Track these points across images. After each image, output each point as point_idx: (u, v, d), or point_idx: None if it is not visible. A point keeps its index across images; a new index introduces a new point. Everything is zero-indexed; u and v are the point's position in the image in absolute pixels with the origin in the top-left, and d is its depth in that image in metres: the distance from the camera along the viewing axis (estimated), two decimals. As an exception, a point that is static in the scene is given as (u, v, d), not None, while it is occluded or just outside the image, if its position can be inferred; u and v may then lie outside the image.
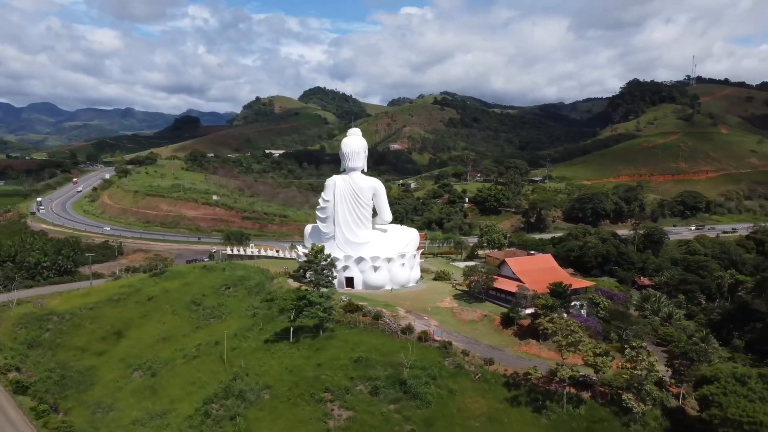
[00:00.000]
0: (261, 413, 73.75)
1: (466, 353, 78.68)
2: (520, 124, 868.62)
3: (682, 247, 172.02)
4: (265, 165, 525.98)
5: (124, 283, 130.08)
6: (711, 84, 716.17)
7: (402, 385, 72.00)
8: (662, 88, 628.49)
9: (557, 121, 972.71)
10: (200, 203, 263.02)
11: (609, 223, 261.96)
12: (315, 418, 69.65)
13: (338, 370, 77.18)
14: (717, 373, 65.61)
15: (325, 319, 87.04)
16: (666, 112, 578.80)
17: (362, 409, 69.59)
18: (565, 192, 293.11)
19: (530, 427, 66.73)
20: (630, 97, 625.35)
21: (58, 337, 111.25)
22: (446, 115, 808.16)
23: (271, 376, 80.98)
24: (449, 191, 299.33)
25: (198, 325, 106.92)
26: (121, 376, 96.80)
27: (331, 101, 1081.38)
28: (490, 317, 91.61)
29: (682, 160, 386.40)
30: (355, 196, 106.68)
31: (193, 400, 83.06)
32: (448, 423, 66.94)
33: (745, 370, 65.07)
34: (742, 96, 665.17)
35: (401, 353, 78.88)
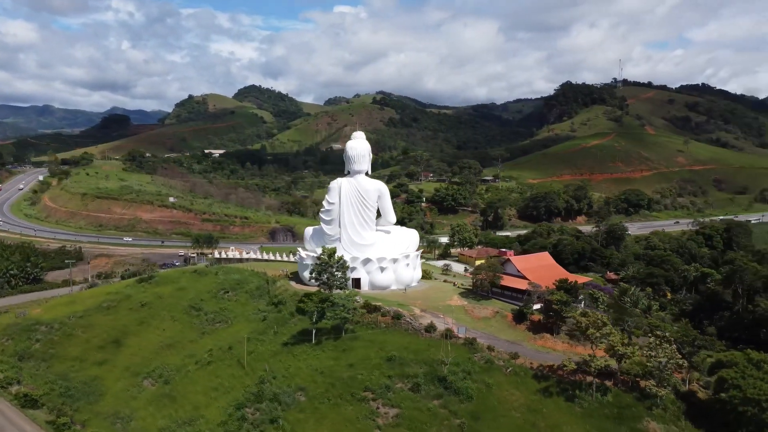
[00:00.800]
0: (302, 415, 74.87)
1: (491, 348, 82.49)
2: (457, 124, 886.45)
3: (641, 242, 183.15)
4: (206, 165, 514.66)
5: (111, 290, 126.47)
6: (635, 87, 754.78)
7: (441, 381, 74.92)
8: (593, 91, 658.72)
9: (490, 121, 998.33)
10: (156, 205, 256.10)
11: (560, 220, 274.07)
12: (362, 417, 71.53)
13: (373, 370, 79.22)
14: (732, 358, 72.29)
15: (347, 320, 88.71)
16: (597, 114, 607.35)
17: (407, 405, 72.08)
18: (517, 191, 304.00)
19: (566, 416, 71.16)
20: (564, 99, 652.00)
21: (51, 348, 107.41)
22: (386, 115, 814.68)
23: (302, 378, 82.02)
24: (405, 191, 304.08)
25: (203, 330, 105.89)
26: (131, 385, 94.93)
27: (267, 100, 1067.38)
28: (502, 314, 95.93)
29: (619, 160, 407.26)
30: (360, 198, 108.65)
31: (219, 405, 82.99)
32: (492, 415, 70.43)
33: (759, 355, 71.97)
34: (664, 98, 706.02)
35: (430, 350, 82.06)
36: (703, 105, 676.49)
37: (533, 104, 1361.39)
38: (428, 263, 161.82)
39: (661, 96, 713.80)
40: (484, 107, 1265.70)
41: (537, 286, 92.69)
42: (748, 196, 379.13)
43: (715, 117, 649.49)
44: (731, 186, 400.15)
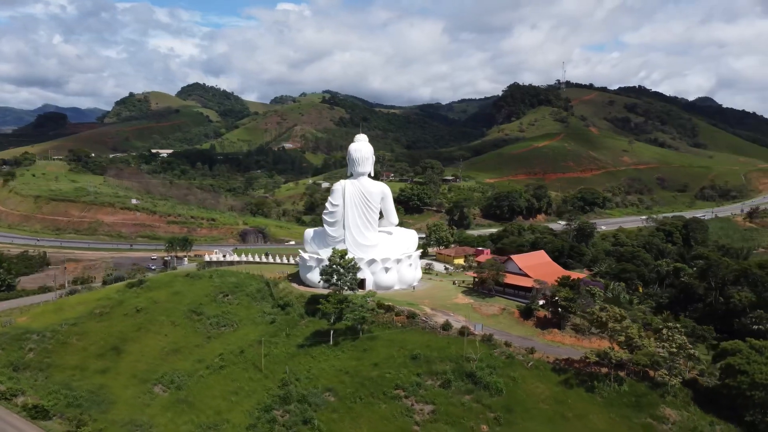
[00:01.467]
0: (335, 415, 76.16)
1: (508, 344, 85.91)
2: (406, 124, 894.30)
3: (608, 239, 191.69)
4: (154, 165, 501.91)
5: (100, 296, 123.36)
6: (578, 88, 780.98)
7: (470, 377, 77.70)
8: (539, 92, 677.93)
9: (437, 121, 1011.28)
10: (117, 208, 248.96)
11: (522, 218, 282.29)
12: (398, 414, 73.51)
13: (400, 368, 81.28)
14: (736, 346, 78.13)
15: (365, 321, 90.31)
16: (544, 114, 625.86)
17: (441, 401, 74.53)
18: (479, 191, 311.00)
19: (590, 405, 75.21)
20: (511, 100, 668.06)
21: (46, 357, 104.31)
22: (336, 115, 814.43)
23: (327, 379, 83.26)
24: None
25: (209, 335, 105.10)
26: (141, 392, 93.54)
27: (212, 98, 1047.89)
28: (509, 310, 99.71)
29: (570, 160, 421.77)
30: (364, 200, 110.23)
31: (242, 409, 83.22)
32: (523, 408, 73.73)
33: (760, 343, 78.11)
34: (605, 100, 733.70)
35: (451, 348, 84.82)
36: (641, 107, 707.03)
37: (477, 104, 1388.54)
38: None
39: (602, 97, 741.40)
40: (430, 107, 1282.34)
41: (543, 284, 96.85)
42: (688, 194, 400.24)
43: (652, 118, 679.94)
44: (673, 184, 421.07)
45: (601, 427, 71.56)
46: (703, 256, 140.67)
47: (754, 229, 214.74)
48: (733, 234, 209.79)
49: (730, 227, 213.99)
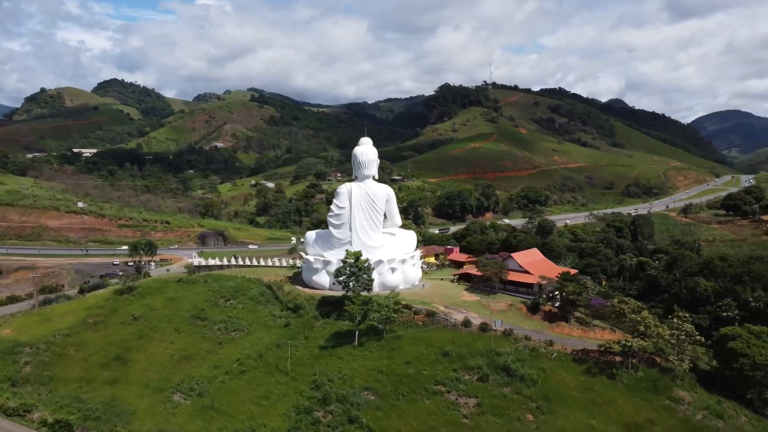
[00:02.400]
0: (380, 413, 78.30)
1: (528, 338, 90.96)
2: (336, 123, 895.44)
3: (566, 235, 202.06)
4: (79, 166, 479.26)
5: (89, 305, 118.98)
6: (503, 89, 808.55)
7: (504, 370, 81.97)
8: (470, 92, 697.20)
9: (366, 121, 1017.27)
10: (63, 212, 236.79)
11: (471, 217, 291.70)
12: (445, 408, 76.68)
13: (434, 365, 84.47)
14: (736, 332, 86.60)
15: (389, 320, 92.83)
16: (475, 115, 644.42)
17: (483, 394, 78.33)
18: (428, 190, 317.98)
19: (614, 391, 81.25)
20: (443, 100, 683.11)
21: (45, 370, 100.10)
22: (266, 113, 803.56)
23: (362, 379, 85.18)
24: (321, 191, 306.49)
25: (219, 340, 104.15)
26: (160, 401, 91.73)
27: (131, 95, 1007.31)
28: (516, 306, 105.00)
29: (506, 159, 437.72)
30: (370, 202, 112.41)
31: (278, 413, 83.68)
32: (559, 396, 78.77)
33: (758, 328, 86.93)
34: (530, 101, 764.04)
35: (477, 343, 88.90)
36: (564, 108, 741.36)
37: (403, 104, 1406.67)
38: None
39: (526, 99, 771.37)
40: (357, 106, 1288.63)
41: (551, 280, 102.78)
42: (615, 191, 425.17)
43: (575, 119, 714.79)
44: (600, 182, 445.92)
45: (629, 411, 77.68)
46: (664, 250, 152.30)
47: (691, 224, 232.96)
48: (673, 229, 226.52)
49: (669, 223, 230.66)
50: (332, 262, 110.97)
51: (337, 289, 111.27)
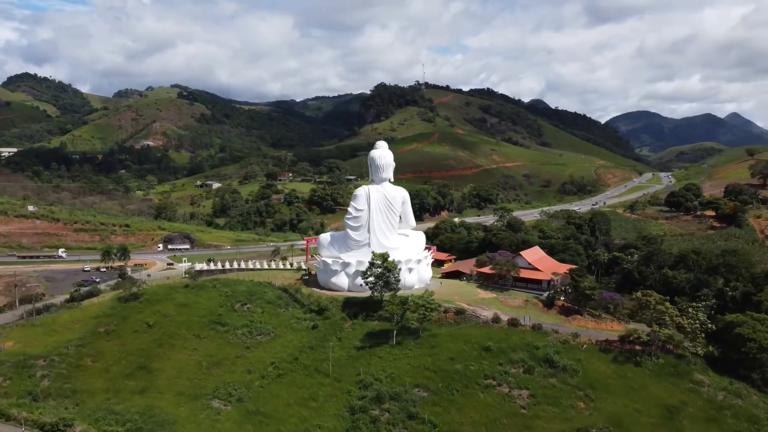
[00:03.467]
0: (438, 408, 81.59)
1: (555, 331, 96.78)
2: (269, 121, 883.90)
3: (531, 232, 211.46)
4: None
5: (94, 313, 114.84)
6: (435, 89, 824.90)
7: (547, 362, 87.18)
8: (405, 92, 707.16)
9: (296, 119, 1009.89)
10: (11, 216, 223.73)
11: (429, 215, 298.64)
12: (501, 401, 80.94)
13: (479, 360, 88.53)
14: (741, 319, 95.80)
15: (425, 319, 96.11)
16: (412, 114, 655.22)
17: (533, 386, 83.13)
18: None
19: (644, 378, 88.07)
20: (380, 99, 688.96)
21: (65, 383, 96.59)
22: (196, 111, 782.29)
23: (410, 377, 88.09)
24: (276, 191, 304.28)
25: (246, 345, 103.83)
26: (198, 408, 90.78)
27: (45, 90, 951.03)
28: (531, 301, 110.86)
29: (450, 158, 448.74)
30: (388, 204, 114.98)
31: (330, 414, 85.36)
32: (601, 384, 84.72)
33: (760, 315, 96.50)
34: (462, 101, 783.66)
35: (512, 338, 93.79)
36: (494, 108, 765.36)
37: (332, 102, 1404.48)
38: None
39: (458, 99, 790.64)
40: (285, 104, 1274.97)
41: (564, 276, 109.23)
42: (552, 189, 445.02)
43: (505, 119, 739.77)
44: (538, 181, 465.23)
45: (662, 395, 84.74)
46: (634, 245, 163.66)
47: (640, 220, 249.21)
48: (625, 225, 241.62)
49: (619, 219, 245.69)
50: (351, 264, 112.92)
51: (356, 290, 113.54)
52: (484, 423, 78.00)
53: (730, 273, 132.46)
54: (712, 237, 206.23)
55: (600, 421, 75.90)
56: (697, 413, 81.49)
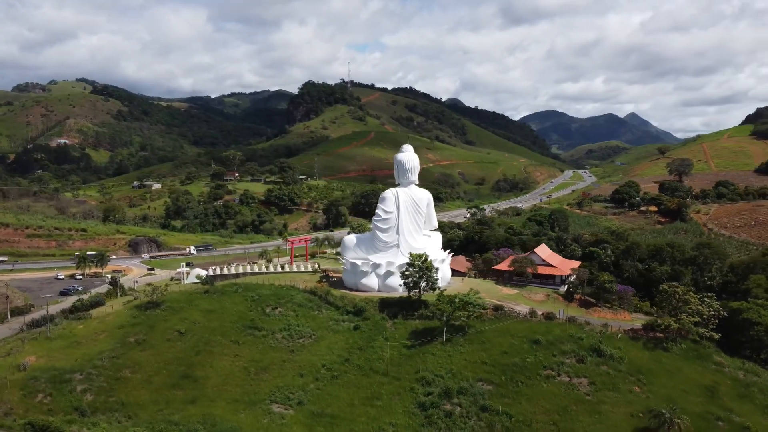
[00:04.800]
0: (506, 399, 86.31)
1: (588, 323, 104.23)
2: (189, 118, 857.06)
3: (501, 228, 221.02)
4: None
5: (119, 323, 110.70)
6: (361, 88, 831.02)
7: (595, 352, 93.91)
8: (335, 90, 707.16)
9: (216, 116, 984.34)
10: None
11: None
12: (565, 389, 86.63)
13: (534, 353, 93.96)
14: (744, 306, 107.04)
15: (472, 317, 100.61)
16: (342, 113, 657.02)
17: (590, 374, 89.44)
18: (338, 189, 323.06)
19: (676, 361, 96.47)
20: (309, 97, 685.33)
21: (109, 396, 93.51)
22: (113, 107, 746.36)
23: (471, 371, 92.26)
24: (228, 191, 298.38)
25: (290, 348, 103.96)
26: (260, 414, 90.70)
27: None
28: (552, 296, 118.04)
29: (390, 157, 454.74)
30: (415, 206, 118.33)
31: (399, 411, 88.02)
32: (646, 370, 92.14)
33: (761, 302, 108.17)
34: (388, 100, 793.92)
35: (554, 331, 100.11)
36: (420, 107, 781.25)
37: (249, 99, 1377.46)
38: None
39: (385, 98, 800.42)
40: (199, 99, 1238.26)
41: (583, 272, 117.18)
42: (486, 186, 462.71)
43: (431, 118, 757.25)
44: (472, 179, 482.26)
45: (696, 377, 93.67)
46: (606, 240, 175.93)
47: (591, 216, 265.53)
48: (579, 221, 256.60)
49: (572, 215, 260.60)
50: (382, 265, 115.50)
51: (386, 290, 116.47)
52: (556, 411, 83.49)
53: (705, 264, 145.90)
54: (662, 231, 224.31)
55: (659, 403, 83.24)
56: (729, 391, 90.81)
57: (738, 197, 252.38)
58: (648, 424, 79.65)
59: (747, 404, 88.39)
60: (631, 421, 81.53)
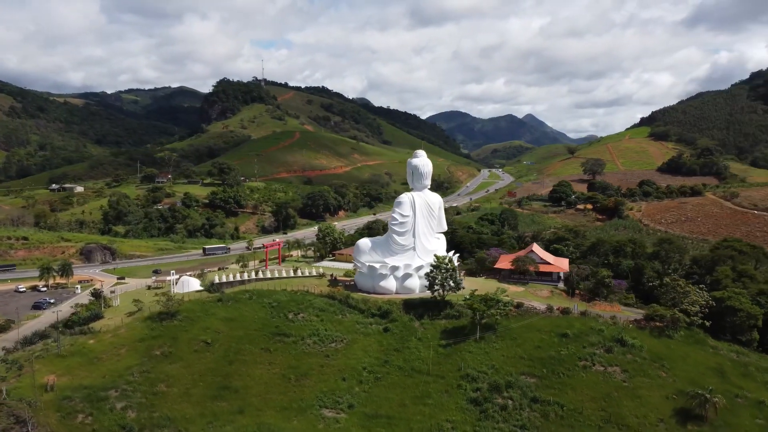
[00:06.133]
0: (552, 390, 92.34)
1: (600, 316, 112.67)
2: (89, 116, 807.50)
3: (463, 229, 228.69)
4: None
5: (136, 336, 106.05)
6: (275, 86, 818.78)
7: (618, 342, 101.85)
8: (251, 89, 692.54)
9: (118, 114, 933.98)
10: None
11: (329, 215, 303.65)
12: (603, 378, 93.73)
13: (565, 345, 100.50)
14: (726, 294, 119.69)
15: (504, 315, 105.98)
16: (261, 112, 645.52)
17: (620, 362, 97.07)
18: (281, 191, 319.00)
19: (681, 347, 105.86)
20: (224, 96, 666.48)
21: (152, 412, 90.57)
22: (4, 103, 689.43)
23: (511, 366, 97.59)
24: (168, 194, 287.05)
25: (325, 353, 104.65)
26: (313, 419, 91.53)
27: None
28: (555, 291, 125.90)
29: (321, 158, 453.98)
30: (429, 209, 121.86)
31: (452, 408, 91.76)
32: (664, 356, 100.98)
33: (740, 290, 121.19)
34: (303, 99, 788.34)
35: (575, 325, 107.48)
36: (336, 107, 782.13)
37: (149, 95, 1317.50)
38: (316, 265, 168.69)
39: (300, 97, 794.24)
40: (94, 95, 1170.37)
41: (584, 269, 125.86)
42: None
43: (347, 118, 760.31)
44: (398, 178, 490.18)
45: (702, 360, 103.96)
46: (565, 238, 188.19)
47: (534, 215, 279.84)
48: (524, 219, 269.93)
49: (517, 214, 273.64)
50: (400, 267, 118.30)
51: (403, 292, 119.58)
52: (601, 398, 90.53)
53: (667, 258, 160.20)
54: (604, 228, 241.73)
55: (685, 385, 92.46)
56: (732, 371, 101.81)
57: (663, 195, 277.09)
58: (686, 404, 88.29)
59: (750, 382, 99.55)
60: (668, 403, 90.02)
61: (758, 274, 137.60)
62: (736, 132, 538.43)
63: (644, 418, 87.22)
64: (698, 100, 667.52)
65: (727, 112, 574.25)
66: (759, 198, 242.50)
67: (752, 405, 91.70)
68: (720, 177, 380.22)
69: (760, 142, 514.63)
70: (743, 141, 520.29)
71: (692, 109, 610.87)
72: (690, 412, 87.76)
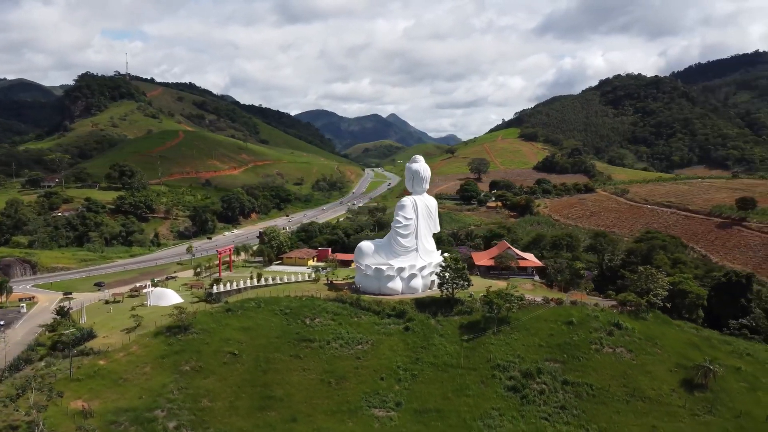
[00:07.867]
0: (578, 372, 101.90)
1: (586, 304, 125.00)
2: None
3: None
4: None
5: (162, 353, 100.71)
6: (141, 82, 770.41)
7: (615, 326, 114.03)
8: (119, 84, 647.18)
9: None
10: None
11: (242, 218, 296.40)
12: (615, 358, 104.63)
13: (574, 332, 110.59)
14: (676, 279, 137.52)
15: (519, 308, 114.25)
16: (132, 109, 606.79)
17: (623, 343, 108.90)
18: (189, 194, 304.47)
19: (658, 327, 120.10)
20: (89, 91, 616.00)
21: (206, 428, 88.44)
22: None
23: (535, 354, 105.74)
24: (66, 200, 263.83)
25: (356, 356, 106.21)
26: (366, 420, 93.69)
27: None
28: (536, 284, 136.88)
29: (215, 158, 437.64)
30: (429, 212, 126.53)
31: (492, 396, 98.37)
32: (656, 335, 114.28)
33: (687, 276, 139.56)
34: (174, 96, 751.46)
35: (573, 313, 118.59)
36: (210, 104, 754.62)
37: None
38: (268, 270, 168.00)
39: (170, 94, 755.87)
40: None
41: (562, 262, 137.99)
42: (306, 186, 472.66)
43: (223, 116, 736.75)
44: (291, 178, 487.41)
45: (675, 336, 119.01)
46: (500, 234, 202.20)
47: (450, 213, 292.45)
48: (444, 217, 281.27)
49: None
50: (405, 268, 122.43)
51: (408, 292, 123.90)
52: (619, 375, 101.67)
53: (602, 250, 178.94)
54: (521, 223, 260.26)
55: (679, 359, 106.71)
56: (702, 344, 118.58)
57: (562, 192, 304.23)
58: (687, 375, 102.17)
59: (718, 352, 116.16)
60: (674, 375, 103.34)
61: (689, 260, 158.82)
62: (592, 134, 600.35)
63: (659, 390, 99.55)
64: (558, 103, 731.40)
65: (583, 116, 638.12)
66: (645, 194, 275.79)
67: (732, 372, 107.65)
68: (589, 175, 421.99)
69: (613, 143, 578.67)
70: (600, 142, 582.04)
71: (554, 112, 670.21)
72: (692, 381, 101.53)
